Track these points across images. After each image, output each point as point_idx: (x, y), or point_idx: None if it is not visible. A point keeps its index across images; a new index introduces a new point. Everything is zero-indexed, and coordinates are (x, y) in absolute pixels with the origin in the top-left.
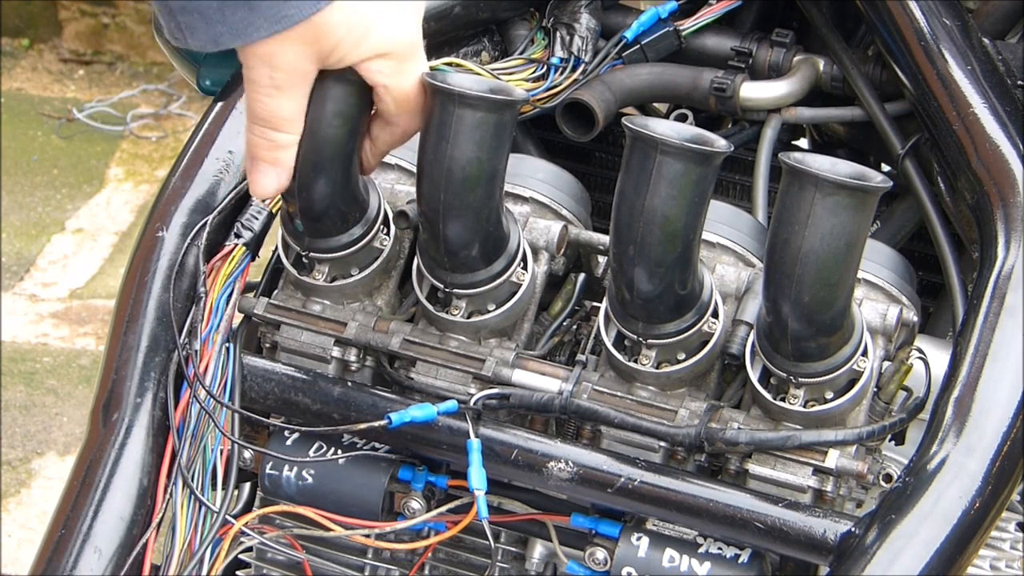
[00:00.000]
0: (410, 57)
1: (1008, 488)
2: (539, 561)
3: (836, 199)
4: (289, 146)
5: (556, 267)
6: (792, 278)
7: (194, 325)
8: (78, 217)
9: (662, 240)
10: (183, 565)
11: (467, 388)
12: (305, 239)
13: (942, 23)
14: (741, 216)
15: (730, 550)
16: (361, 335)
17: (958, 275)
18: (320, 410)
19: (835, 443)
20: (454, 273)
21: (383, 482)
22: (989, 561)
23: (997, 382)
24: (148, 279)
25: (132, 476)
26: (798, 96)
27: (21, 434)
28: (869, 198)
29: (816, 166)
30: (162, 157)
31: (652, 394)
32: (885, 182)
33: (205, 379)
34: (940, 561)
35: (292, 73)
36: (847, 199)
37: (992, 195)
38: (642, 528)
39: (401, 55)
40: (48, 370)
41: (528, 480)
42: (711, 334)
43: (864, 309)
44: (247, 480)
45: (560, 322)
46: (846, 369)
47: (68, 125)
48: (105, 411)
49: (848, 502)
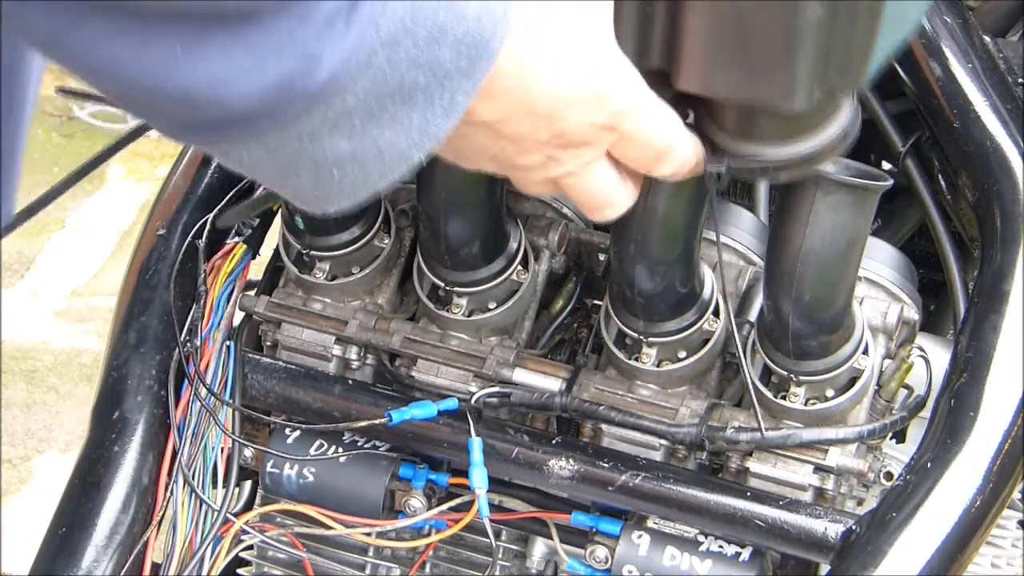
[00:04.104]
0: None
1: (1009, 486)
2: (540, 559)
3: (837, 197)
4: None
5: (557, 265)
6: (793, 276)
7: (195, 323)
8: (79, 215)
9: (663, 238)
10: (184, 563)
11: (468, 386)
12: (306, 237)
13: (943, 21)
14: (742, 214)
15: (731, 548)
16: (362, 333)
17: (959, 273)
18: (321, 408)
19: (836, 441)
20: (455, 271)
21: (384, 480)
22: (990, 559)
23: (998, 381)
24: (149, 277)
25: (133, 474)
26: None
27: (22, 432)
28: (870, 196)
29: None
30: (163, 155)
31: (653, 392)
32: (886, 180)
33: (206, 377)
34: (941, 559)
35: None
36: (848, 197)
37: (993, 193)
38: (643, 526)
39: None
40: (49, 368)
41: (529, 478)
42: (712, 332)
43: (865, 307)
44: (248, 478)
45: (561, 320)
46: (847, 367)
47: (69, 123)
48: (106, 409)
49: (849, 500)
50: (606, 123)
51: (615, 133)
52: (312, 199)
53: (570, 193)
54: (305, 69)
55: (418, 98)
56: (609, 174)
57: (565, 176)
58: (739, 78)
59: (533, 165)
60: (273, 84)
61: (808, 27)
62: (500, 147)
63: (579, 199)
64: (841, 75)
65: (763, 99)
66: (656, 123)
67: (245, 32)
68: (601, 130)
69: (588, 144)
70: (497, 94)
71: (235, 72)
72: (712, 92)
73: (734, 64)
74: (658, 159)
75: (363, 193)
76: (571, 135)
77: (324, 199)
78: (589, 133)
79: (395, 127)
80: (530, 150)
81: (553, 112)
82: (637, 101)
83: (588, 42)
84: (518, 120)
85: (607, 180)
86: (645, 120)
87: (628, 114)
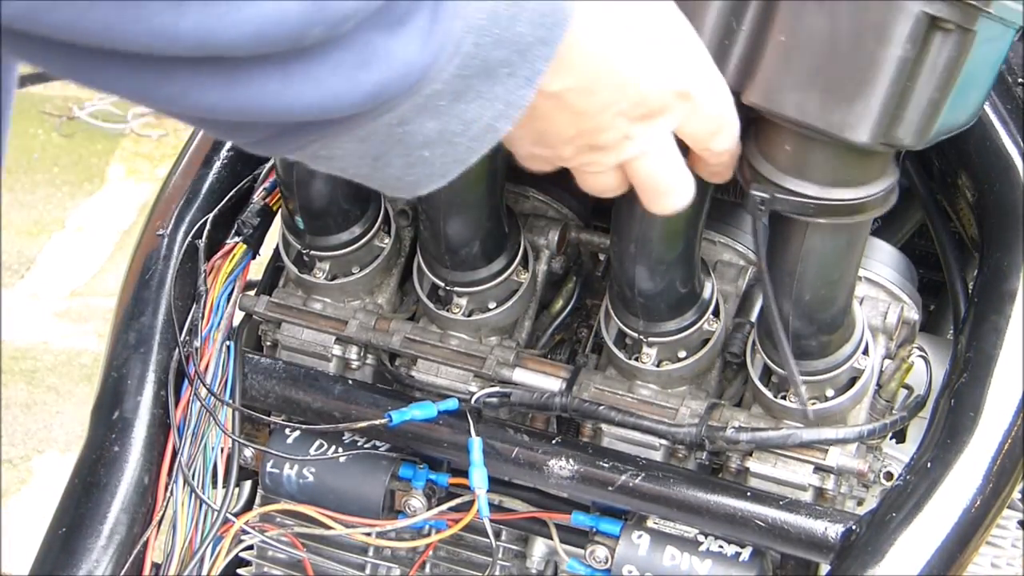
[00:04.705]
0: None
1: (1009, 486)
2: (540, 559)
3: None
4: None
5: (557, 265)
6: (793, 276)
7: (195, 323)
8: (79, 215)
9: (663, 238)
10: (184, 563)
11: (468, 386)
12: (306, 237)
13: None
14: (744, 215)
15: (731, 548)
16: (362, 333)
17: (959, 273)
18: (321, 408)
19: (836, 441)
20: (455, 271)
21: (384, 480)
22: (990, 559)
23: (998, 381)
24: (149, 277)
25: (133, 474)
26: None
27: (22, 432)
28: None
29: None
30: (163, 155)
31: (653, 392)
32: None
33: (206, 377)
34: (941, 559)
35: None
36: None
37: (993, 193)
38: (643, 526)
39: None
40: (49, 368)
41: (529, 478)
42: (712, 332)
43: (865, 307)
44: (248, 478)
45: (561, 320)
46: (847, 367)
47: (69, 123)
48: (106, 409)
49: (849, 500)
50: (682, 89)
51: (689, 102)
52: (404, 184)
53: (640, 177)
54: (397, 73)
55: (500, 72)
56: (677, 156)
57: (638, 158)
58: (812, 101)
59: (610, 143)
60: (369, 94)
61: (894, 62)
62: (580, 125)
63: (648, 183)
64: (908, 126)
65: (831, 126)
66: (724, 92)
67: (329, 55)
68: (677, 97)
69: (664, 112)
70: (576, 61)
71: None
72: (781, 111)
73: (812, 86)
74: (719, 131)
75: (454, 170)
76: (651, 101)
77: (415, 183)
78: (667, 99)
79: (480, 102)
80: (608, 126)
81: (633, 77)
82: (709, 67)
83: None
84: (599, 88)
85: (676, 162)
86: (716, 88)
87: (701, 80)
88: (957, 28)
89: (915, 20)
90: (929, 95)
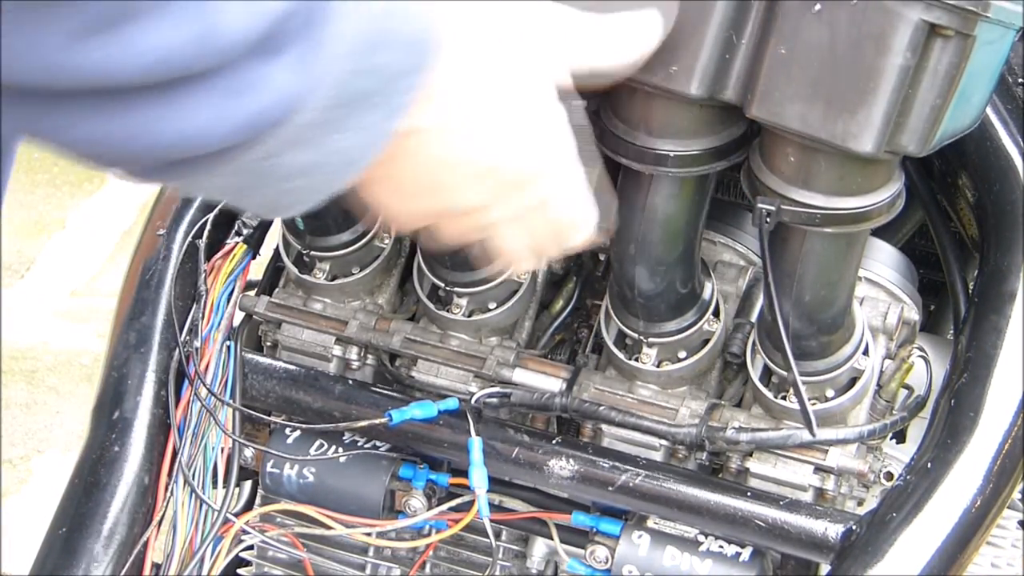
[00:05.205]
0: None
1: (1009, 486)
2: (540, 559)
3: None
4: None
5: (557, 266)
6: (793, 276)
7: (195, 323)
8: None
9: (663, 238)
10: (184, 563)
11: (468, 386)
12: (306, 237)
13: None
14: (744, 215)
15: (731, 548)
16: (362, 333)
17: (959, 273)
18: (321, 408)
19: (836, 441)
20: (455, 271)
21: (384, 480)
22: (990, 559)
23: (998, 381)
24: (149, 277)
25: (133, 474)
26: None
27: (22, 432)
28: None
29: None
30: None
31: (653, 392)
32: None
33: (206, 377)
34: (941, 559)
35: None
36: None
37: (993, 193)
38: (643, 526)
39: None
40: (49, 368)
41: (529, 478)
42: (712, 332)
43: (865, 308)
44: (248, 478)
45: (561, 320)
46: (847, 367)
47: None
48: (106, 409)
49: (849, 500)
50: (541, 169)
51: (547, 184)
52: (272, 209)
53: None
54: (271, 102)
55: (368, 102)
56: (536, 228)
57: (495, 225)
58: (815, 112)
59: (467, 206)
60: (244, 122)
61: (895, 70)
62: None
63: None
64: (911, 134)
65: (835, 136)
66: (582, 187)
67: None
68: (535, 174)
69: (523, 185)
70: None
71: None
72: (784, 123)
73: (814, 97)
74: (574, 227)
75: (320, 197)
76: (511, 166)
77: (285, 208)
78: (527, 170)
79: (349, 133)
80: (465, 184)
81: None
82: (571, 157)
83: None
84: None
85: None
86: (574, 181)
87: (560, 167)
88: (957, 34)
89: (914, 28)
90: (931, 102)
